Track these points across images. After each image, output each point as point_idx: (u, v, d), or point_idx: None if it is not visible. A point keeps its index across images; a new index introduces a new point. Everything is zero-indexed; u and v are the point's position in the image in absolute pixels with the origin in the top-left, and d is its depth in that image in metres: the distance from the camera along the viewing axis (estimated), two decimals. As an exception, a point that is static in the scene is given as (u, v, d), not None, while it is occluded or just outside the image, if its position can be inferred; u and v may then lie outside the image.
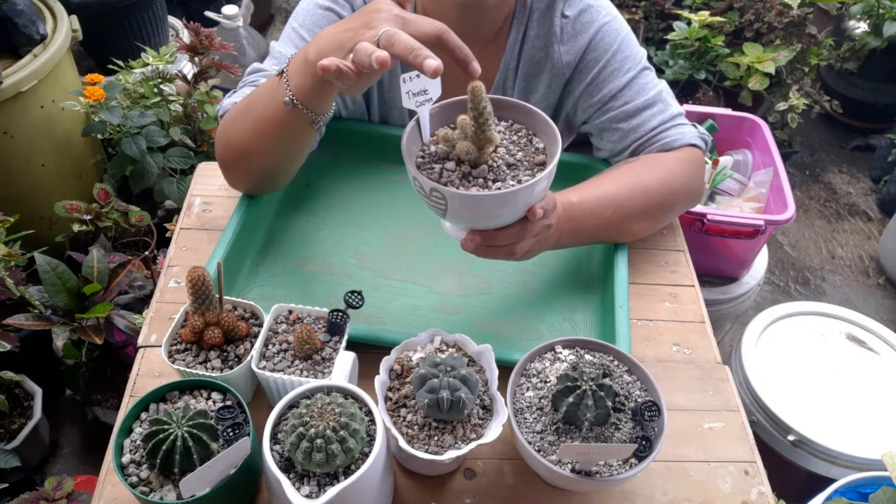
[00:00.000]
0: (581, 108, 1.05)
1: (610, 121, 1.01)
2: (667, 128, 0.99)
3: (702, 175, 1.02)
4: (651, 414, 0.70)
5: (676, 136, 0.99)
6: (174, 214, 1.80)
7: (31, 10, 1.63)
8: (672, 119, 1.00)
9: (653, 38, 2.61)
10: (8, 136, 1.63)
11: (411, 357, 0.76)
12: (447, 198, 0.68)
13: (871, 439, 1.38)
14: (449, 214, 0.71)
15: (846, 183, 2.72)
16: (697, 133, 1.01)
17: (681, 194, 0.99)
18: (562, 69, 1.02)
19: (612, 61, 0.99)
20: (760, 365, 1.50)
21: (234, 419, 0.67)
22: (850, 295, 2.31)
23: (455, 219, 0.73)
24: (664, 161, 0.98)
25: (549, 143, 0.74)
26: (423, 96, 0.70)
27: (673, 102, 1.02)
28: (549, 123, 0.73)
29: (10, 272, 1.34)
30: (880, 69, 2.59)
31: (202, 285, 0.75)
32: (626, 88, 0.99)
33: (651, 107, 0.99)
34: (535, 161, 0.73)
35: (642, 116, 0.99)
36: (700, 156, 1.01)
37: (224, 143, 0.92)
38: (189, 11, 2.60)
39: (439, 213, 0.72)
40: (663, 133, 0.99)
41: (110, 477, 0.76)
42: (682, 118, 1.01)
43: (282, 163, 0.93)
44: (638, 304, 0.98)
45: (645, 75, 1.00)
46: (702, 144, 1.01)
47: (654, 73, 1.03)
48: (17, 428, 1.49)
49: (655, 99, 1.00)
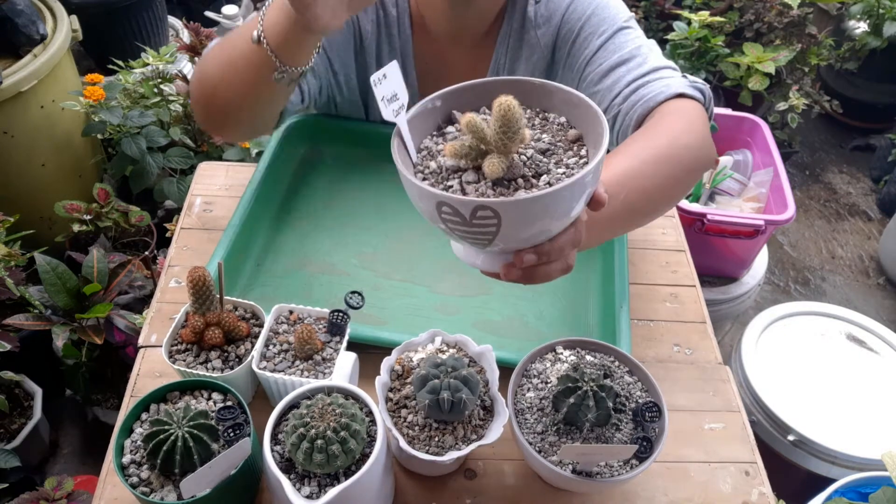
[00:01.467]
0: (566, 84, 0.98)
1: (587, 87, 0.91)
2: (644, 82, 0.85)
3: (705, 126, 0.83)
4: (652, 415, 0.70)
5: (660, 89, 0.83)
6: (174, 214, 1.80)
7: (31, 10, 1.63)
8: (651, 73, 0.86)
9: (653, 38, 2.61)
10: (8, 136, 1.63)
11: (412, 357, 0.76)
12: (501, 213, 0.51)
13: (871, 439, 1.38)
14: (500, 238, 0.54)
15: (846, 183, 2.72)
16: (688, 82, 0.85)
17: (693, 148, 0.79)
18: (542, 54, 0.98)
19: (585, 27, 0.92)
20: (760, 365, 1.50)
21: (234, 420, 0.67)
22: (850, 295, 2.31)
23: (507, 240, 0.55)
24: (658, 124, 0.80)
25: (573, 112, 0.60)
26: (396, 102, 0.57)
27: (652, 56, 0.88)
28: (564, 90, 0.60)
29: (10, 272, 1.34)
30: (880, 69, 2.59)
31: (203, 285, 0.75)
32: (600, 50, 0.90)
33: (625, 63, 0.87)
34: (569, 138, 0.59)
35: (616, 74, 0.87)
36: (693, 106, 0.83)
37: (196, 73, 0.86)
38: (189, 11, 2.60)
39: (483, 240, 0.55)
40: (641, 89, 0.85)
41: (111, 477, 0.76)
42: (665, 71, 0.86)
43: (245, 106, 0.83)
44: (638, 304, 0.98)
45: (623, 34, 0.90)
46: (694, 93, 0.84)
47: (635, 32, 0.91)
48: (17, 428, 1.49)
49: (631, 55, 0.88)
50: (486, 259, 0.61)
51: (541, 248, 0.57)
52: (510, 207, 0.51)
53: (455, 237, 0.57)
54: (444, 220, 0.54)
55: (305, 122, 1.11)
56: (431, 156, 0.59)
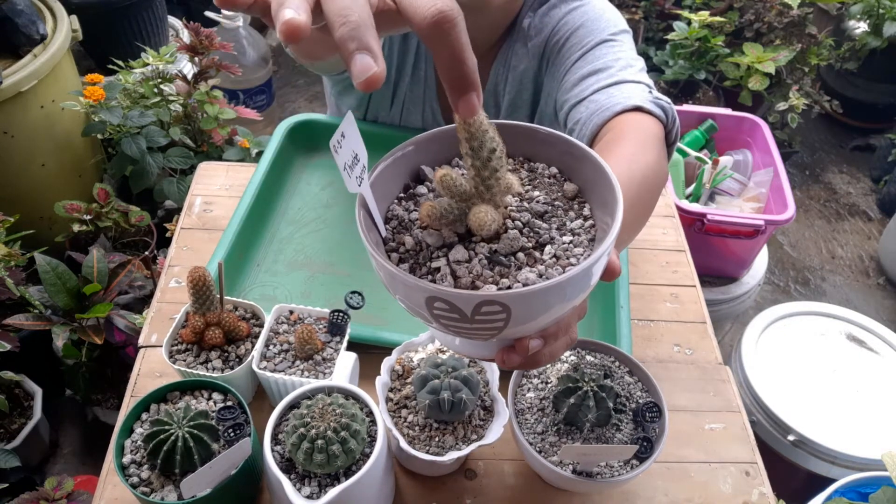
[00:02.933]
0: (550, 98, 0.94)
1: (560, 95, 0.88)
2: (606, 93, 0.79)
3: (661, 145, 0.74)
4: (652, 415, 0.70)
5: (619, 100, 0.76)
6: (174, 214, 1.80)
7: (31, 10, 1.63)
8: (616, 84, 0.79)
9: (653, 38, 2.61)
10: (8, 136, 1.63)
11: (412, 358, 0.76)
12: (511, 307, 0.41)
13: (871, 439, 1.38)
14: (506, 332, 0.44)
15: (846, 183, 2.72)
16: (651, 97, 0.78)
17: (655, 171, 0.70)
18: (531, 64, 0.97)
19: (572, 38, 0.89)
20: (760, 365, 1.50)
21: (234, 420, 0.67)
22: (850, 295, 2.31)
23: (514, 333, 0.46)
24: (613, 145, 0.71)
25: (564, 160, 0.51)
26: (358, 166, 0.45)
27: (627, 71, 0.81)
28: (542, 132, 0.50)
29: (10, 272, 1.34)
30: (880, 69, 2.59)
31: (203, 285, 0.75)
32: (580, 60, 0.86)
33: (596, 73, 0.83)
34: (566, 195, 0.49)
35: (585, 83, 0.83)
36: (651, 122, 0.75)
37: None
38: (189, 11, 2.60)
39: (485, 335, 0.45)
40: (602, 98, 0.78)
41: (111, 477, 0.76)
42: (630, 85, 0.79)
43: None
44: (639, 304, 0.98)
45: (604, 46, 0.85)
46: (654, 109, 0.76)
47: (619, 46, 0.86)
48: (17, 428, 1.48)
49: (605, 65, 0.82)
50: (479, 346, 0.52)
51: (546, 331, 0.49)
52: (522, 300, 0.41)
53: (448, 333, 0.46)
54: (436, 318, 0.43)
55: (305, 122, 1.11)
56: (404, 227, 0.48)
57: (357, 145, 0.44)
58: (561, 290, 0.42)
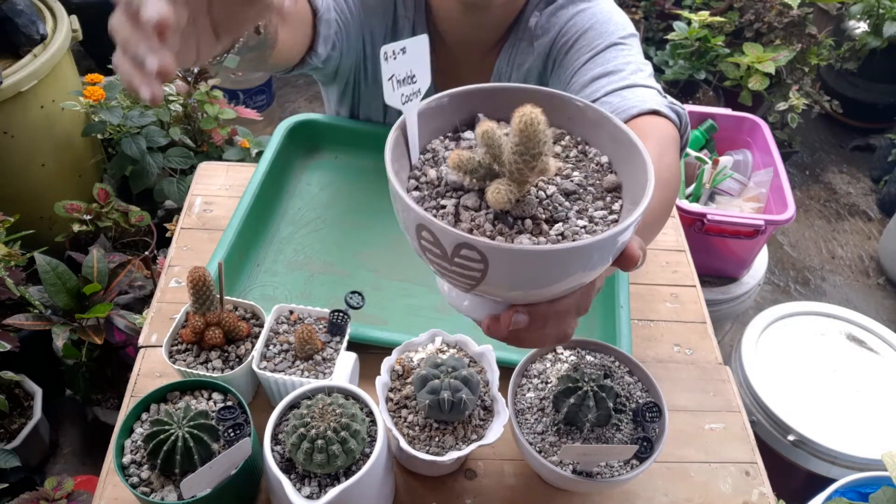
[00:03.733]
0: None
1: None
2: (620, 95, 0.80)
3: (677, 149, 0.77)
4: (652, 415, 0.70)
5: (635, 103, 0.77)
6: (174, 214, 1.80)
7: (31, 10, 1.63)
8: (629, 87, 0.80)
9: (653, 38, 2.61)
10: (8, 136, 1.63)
11: (412, 358, 0.76)
12: (489, 258, 0.41)
13: (871, 439, 1.38)
14: (484, 286, 0.44)
15: (846, 183, 2.72)
16: (666, 102, 0.80)
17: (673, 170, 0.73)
18: (536, 63, 0.97)
19: (580, 40, 0.90)
20: (760, 365, 1.50)
21: (234, 420, 0.67)
22: (850, 295, 2.31)
23: (493, 291, 0.46)
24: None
25: (619, 153, 0.50)
26: (410, 86, 0.46)
27: (638, 76, 0.82)
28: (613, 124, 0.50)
29: (10, 272, 1.34)
30: (880, 69, 2.59)
31: (203, 285, 0.75)
32: (588, 62, 0.87)
33: (607, 75, 0.83)
34: (605, 185, 0.49)
35: (596, 84, 0.83)
36: (668, 126, 0.76)
37: None
38: (189, 11, 2.60)
39: (465, 283, 0.45)
40: (616, 100, 0.79)
41: (111, 477, 0.76)
42: (643, 89, 0.80)
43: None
44: (639, 304, 0.98)
45: (614, 49, 0.86)
46: (670, 114, 0.78)
47: (629, 50, 0.87)
48: (17, 428, 1.48)
49: (616, 68, 0.83)
50: (474, 304, 0.51)
51: (536, 310, 0.48)
52: (501, 255, 0.41)
53: (433, 270, 0.47)
54: (422, 248, 0.44)
55: (305, 122, 1.11)
56: (435, 161, 0.49)
57: (421, 69, 0.46)
58: (542, 261, 0.41)
